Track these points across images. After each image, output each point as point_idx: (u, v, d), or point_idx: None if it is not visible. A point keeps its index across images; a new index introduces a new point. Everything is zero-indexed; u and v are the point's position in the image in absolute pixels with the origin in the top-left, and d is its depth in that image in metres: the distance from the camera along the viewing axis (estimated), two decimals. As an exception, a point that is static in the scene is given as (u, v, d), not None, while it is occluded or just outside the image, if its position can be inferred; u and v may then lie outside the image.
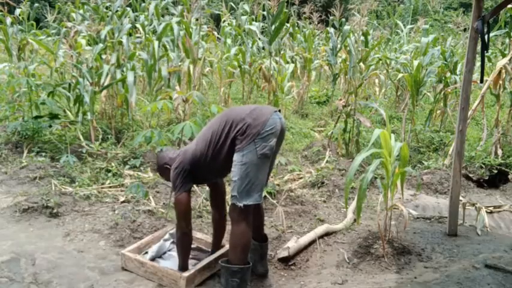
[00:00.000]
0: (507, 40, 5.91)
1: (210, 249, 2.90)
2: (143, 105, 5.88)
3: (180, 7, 6.23)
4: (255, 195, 2.39)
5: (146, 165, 4.44)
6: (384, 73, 7.89)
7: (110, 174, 4.15)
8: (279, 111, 2.53)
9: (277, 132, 2.41)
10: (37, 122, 4.60)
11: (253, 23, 7.36)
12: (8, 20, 6.18)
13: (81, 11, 5.93)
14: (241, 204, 2.36)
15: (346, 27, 6.35)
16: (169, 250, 2.92)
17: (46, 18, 7.61)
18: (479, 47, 3.08)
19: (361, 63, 5.73)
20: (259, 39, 6.92)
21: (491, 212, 3.85)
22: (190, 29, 5.72)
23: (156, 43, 5.22)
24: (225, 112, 2.58)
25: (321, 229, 3.25)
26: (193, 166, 2.51)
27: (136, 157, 4.46)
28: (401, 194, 3.08)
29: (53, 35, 7.81)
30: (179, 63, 5.41)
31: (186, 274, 2.46)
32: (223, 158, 2.45)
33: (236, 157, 2.38)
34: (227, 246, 2.82)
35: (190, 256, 2.71)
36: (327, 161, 4.93)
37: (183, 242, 2.59)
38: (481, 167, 4.94)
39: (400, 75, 6.91)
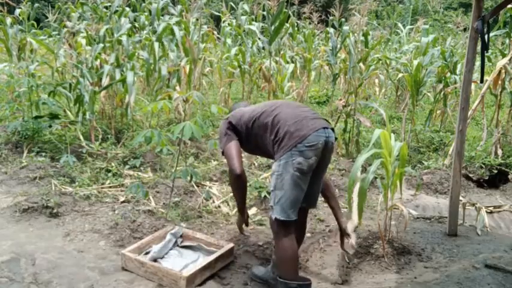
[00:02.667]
0: (507, 40, 5.91)
1: (210, 249, 2.89)
2: (143, 105, 5.89)
3: (179, 7, 6.24)
4: (289, 211, 2.30)
5: (146, 165, 4.44)
6: (384, 73, 7.89)
7: (110, 174, 4.15)
8: (332, 129, 2.41)
9: (318, 150, 2.29)
10: (37, 122, 4.59)
11: (253, 23, 7.35)
12: (8, 20, 6.18)
13: (79, 10, 5.93)
14: (273, 217, 2.31)
15: (346, 28, 6.35)
16: (170, 249, 2.91)
17: (47, 18, 7.61)
18: (479, 47, 3.09)
19: (361, 63, 5.73)
20: (259, 39, 6.92)
21: (491, 212, 3.85)
22: (190, 29, 5.72)
23: (156, 44, 5.23)
24: (282, 103, 2.54)
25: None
26: (235, 127, 2.57)
27: (136, 157, 4.46)
28: (400, 194, 3.08)
29: (54, 36, 7.82)
30: (179, 63, 5.42)
31: (186, 274, 2.46)
32: (254, 136, 2.50)
33: (273, 167, 2.34)
34: (227, 247, 2.82)
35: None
36: (327, 161, 4.92)
37: (237, 184, 2.52)
38: (481, 167, 4.94)
39: (400, 75, 6.91)
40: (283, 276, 2.30)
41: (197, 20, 5.84)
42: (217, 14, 8.87)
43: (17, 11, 6.57)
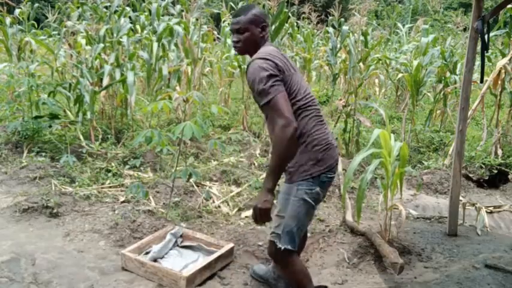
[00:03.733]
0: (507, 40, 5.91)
1: (210, 249, 2.89)
2: (143, 105, 5.89)
3: (178, 7, 6.24)
4: (298, 241, 2.12)
5: (146, 165, 4.44)
6: (384, 73, 7.89)
7: (110, 174, 4.15)
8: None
9: (332, 181, 2.15)
10: (37, 122, 4.60)
11: (253, 23, 7.34)
12: (8, 20, 6.18)
13: (79, 9, 5.93)
14: (281, 247, 2.05)
15: (345, 28, 6.35)
16: (170, 249, 2.91)
17: (47, 18, 7.61)
18: (479, 47, 3.09)
19: (361, 63, 5.73)
20: (259, 39, 6.91)
21: (491, 212, 3.85)
22: (190, 29, 5.73)
23: (155, 44, 5.23)
24: (314, 108, 2.09)
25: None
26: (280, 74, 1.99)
27: (136, 157, 4.46)
28: (400, 194, 3.08)
29: (54, 36, 7.82)
30: (179, 63, 5.42)
31: (186, 274, 2.46)
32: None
33: (287, 189, 2.05)
34: (227, 247, 2.82)
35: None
36: (327, 161, 4.91)
37: (292, 141, 1.92)
38: (481, 167, 4.94)
39: (400, 75, 6.91)
40: None
41: (197, 20, 5.84)
42: (217, 12, 8.86)
43: (17, 11, 6.59)
